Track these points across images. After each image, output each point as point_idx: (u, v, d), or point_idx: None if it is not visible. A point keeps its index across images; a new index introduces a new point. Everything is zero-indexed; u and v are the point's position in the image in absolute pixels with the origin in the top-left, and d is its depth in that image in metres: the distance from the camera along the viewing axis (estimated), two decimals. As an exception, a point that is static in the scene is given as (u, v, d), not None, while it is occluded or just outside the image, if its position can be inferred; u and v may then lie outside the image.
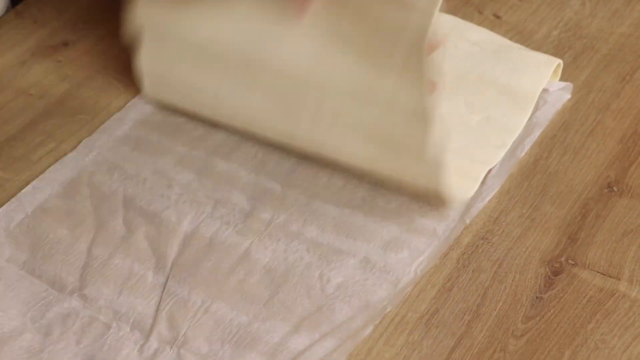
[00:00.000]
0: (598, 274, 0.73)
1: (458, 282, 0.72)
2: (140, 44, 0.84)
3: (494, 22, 0.93)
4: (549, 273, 0.73)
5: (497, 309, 0.71)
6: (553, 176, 0.80)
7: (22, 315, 0.71)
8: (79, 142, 0.82)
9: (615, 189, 0.79)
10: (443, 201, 0.77)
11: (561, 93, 0.86)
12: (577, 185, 0.79)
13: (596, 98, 0.86)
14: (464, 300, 0.71)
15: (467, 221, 0.76)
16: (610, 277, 0.73)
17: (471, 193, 0.78)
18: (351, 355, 0.68)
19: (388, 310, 0.70)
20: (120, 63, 0.89)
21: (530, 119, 0.84)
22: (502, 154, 0.81)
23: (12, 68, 0.88)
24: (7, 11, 0.94)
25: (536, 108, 0.85)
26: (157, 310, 0.71)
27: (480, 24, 0.92)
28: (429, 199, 0.77)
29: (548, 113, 0.85)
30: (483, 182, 0.79)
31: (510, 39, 0.91)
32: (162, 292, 0.72)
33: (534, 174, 0.80)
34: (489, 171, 0.80)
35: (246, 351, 0.69)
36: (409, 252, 0.74)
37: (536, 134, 0.83)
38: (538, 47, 0.90)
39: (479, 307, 0.71)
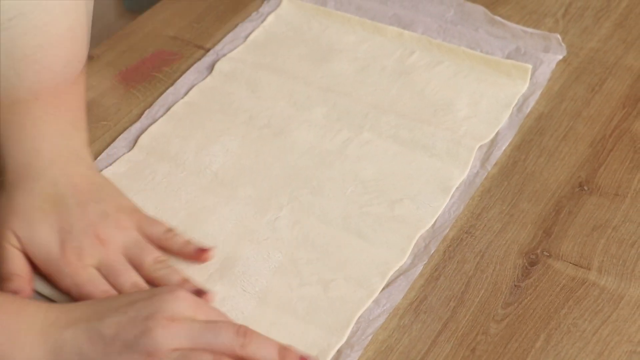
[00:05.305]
0: (570, 264, 0.73)
1: (444, 272, 0.73)
2: None
3: (477, 38, 0.94)
4: (526, 264, 0.73)
5: (480, 296, 0.71)
6: (530, 176, 0.80)
7: None
8: (104, 145, 0.82)
9: (585, 188, 0.79)
10: None
11: (554, 55, 0.90)
12: (551, 185, 0.79)
13: (569, 106, 0.86)
14: (449, 288, 0.72)
15: (489, 168, 0.79)
16: (581, 267, 0.73)
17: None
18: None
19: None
20: (140, 75, 0.89)
21: (531, 78, 0.87)
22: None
23: (42, 79, 0.88)
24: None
25: (534, 68, 0.88)
26: None
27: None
28: None
29: (546, 72, 0.88)
30: (497, 134, 0.82)
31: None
32: None
33: (512, 174, 0.80)
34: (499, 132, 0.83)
35: None
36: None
37: (538, 93, 0.86)
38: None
39: (463, 295, 0.71)
